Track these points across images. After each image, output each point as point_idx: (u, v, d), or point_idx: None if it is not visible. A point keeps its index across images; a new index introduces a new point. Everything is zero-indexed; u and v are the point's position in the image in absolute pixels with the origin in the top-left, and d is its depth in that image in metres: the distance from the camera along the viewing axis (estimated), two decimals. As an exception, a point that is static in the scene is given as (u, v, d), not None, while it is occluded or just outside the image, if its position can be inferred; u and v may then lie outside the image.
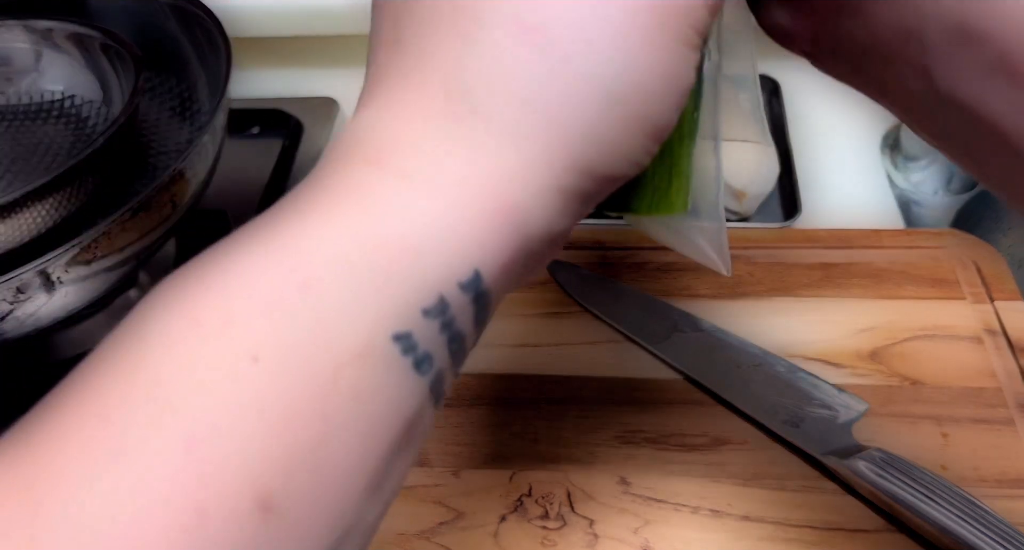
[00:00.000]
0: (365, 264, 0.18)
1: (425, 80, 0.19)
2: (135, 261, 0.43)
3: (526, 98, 0.18)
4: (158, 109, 0.54)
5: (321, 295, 0.17)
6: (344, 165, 0.19)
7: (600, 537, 0.38)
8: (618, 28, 0.18)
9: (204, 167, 0.46)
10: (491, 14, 0.19)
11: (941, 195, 0.56)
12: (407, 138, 0.19)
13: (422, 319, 0.18)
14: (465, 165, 0.19)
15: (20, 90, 0.52)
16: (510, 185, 0.19)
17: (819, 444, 0.39)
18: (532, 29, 0.18)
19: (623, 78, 0.18)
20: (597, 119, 0.19)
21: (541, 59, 0.18)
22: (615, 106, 0.19)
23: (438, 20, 0.19)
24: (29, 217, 0.42)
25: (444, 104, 0.19)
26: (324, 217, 0.18)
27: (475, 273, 0.19)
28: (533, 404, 0.43)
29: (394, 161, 0.19)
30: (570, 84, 0.18)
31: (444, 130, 0.19)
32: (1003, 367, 0.43)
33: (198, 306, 0.18)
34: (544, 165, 0.19)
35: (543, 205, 0.19)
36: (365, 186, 0.19)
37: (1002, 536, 0.33)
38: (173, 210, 0.43)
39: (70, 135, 0.51)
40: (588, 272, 0.49)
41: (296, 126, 0.62)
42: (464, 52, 0.19)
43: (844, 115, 0.62)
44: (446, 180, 0.19)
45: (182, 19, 0.52)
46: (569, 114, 0.19)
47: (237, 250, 0.19)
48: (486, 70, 0.19)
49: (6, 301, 0.38)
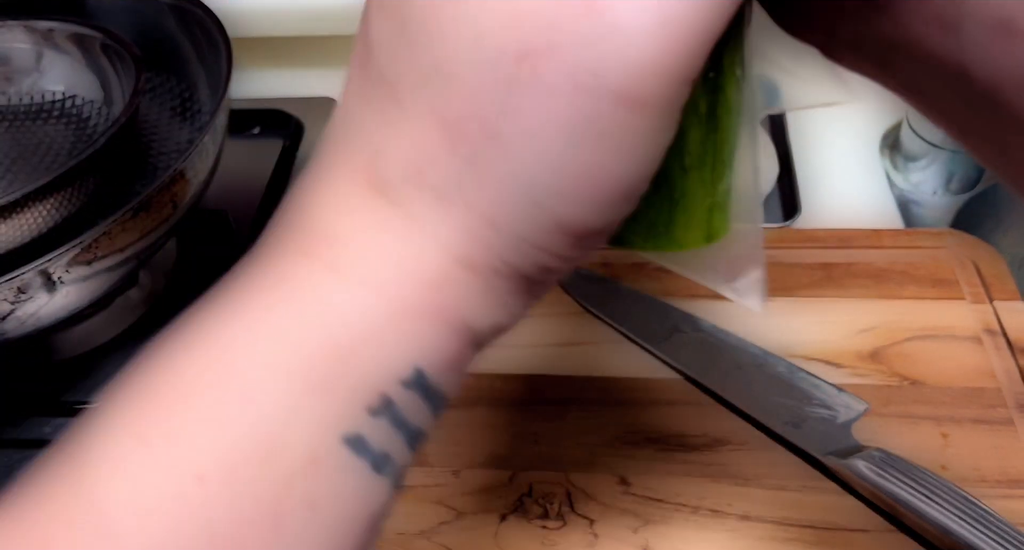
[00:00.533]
0: (302, 370, 0.17)
1: (351, 161, 0.18)
2: (136, 261, 0.43)
3: (442, 192, 0.17)
4: (159, 109, 0.54)
5: (262, 404, 0.17)
6: (281, 254, 0.19)
7: (600, 537, 0.38)
8: (558, 128, 0.16)
9: (205, 167, 0.46)
10: (412, 100, 0.17)
11: (940, 195, 0.56)
12: (338, 227, 0.18)
13: (370, 419, 0.17)
14: (392, 260, 0.18)
15: (21, 90, 0.52)
16: (437, 280, 0.18)
17: (819, 444, 0.39)
18: (450, 124, 0.17)
19: (560, 174, 0.16)
20: (523, 211, 0.17)
21: (452, 156, 0.17)
22: (547, 197, 0.17)
23: (372, 92, 0.18)
24: (30, 217, 0.42)
25: (368, 191, 0.18)
26: (260, 318, 0.18)
27: (416, 371, 0.18)
28: (533, 404, 0.43)
29: (327, 253, 0.18)
30: (489, 181, 0.17)
31: (370, 221, 0.18)
32: (1003, 367, 0.43)
33: (142, 420, 0.17)
34: (470, 258, 0.18)
35: (480, 299, 0.18)
36: (299, 281, 0.18)
37: (1002, 536, 0.33)
38: (174, 210, 0.43)
39: (71, 135, 0.51)
40: (589, 272, 0.49)
41: (296, 126, 0.62)
42: (384, 135, 0.18)
43: (843, 115, 0.62)
44: (377, 276, 0.18)
45: (183, 19, 0.52)
46: (490, 207, 0.17)
47: (177, 354, 0.18)
48: (402, 159, 0.17)
49: (7, 301, 0.38)
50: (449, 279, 0.18)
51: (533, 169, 0.16)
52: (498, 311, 0.19)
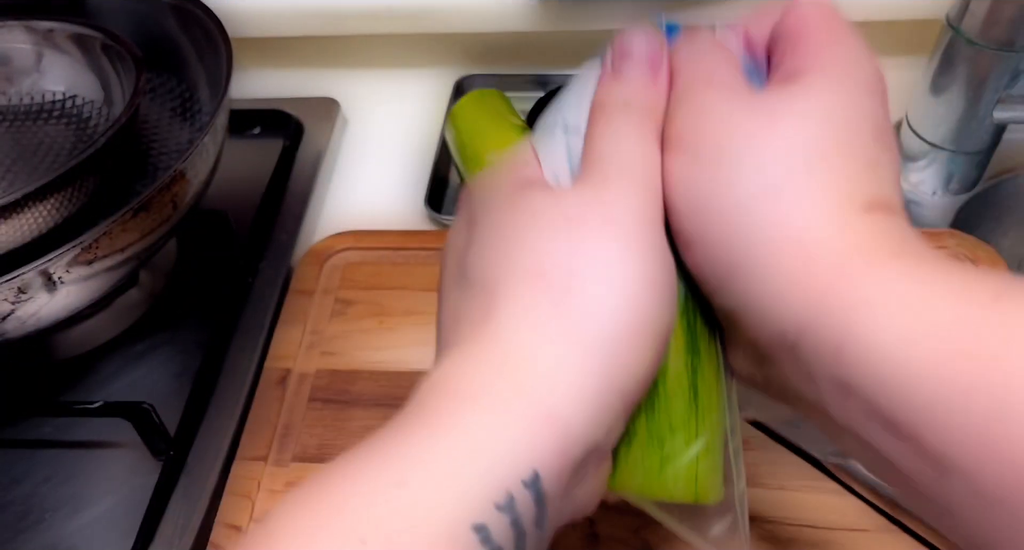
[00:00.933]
0: (449, 467, 0.21)
1: (481, 347, 0.24)
2: (136, 261, 0.43)
3: (555, 352, 0.23)
4: (159, 109, 0.54)
5: (415, 491, 0.20)
6: (433, 400, 0.23)
7: (600, 537, 0.38)
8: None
9: (205, 167, 0.46)
10: (509, 278, 0.24)
11: (940, 196, 0.56)
12: (474, 382, 0.23)
13: (496, 513, 0.20)
14: (515, 388, 0.22)
15: (21, 90, 0.53)
16: (550, 397, 0.22)
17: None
18: (552, 286, 0.23)
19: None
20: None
21: (557, 316, 0.23)
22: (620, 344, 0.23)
23: (478, 288, 0.25)
24: (31, 217, 0.42)
25: (500, 362, 0.23)
26: (425, 441, 0.22)
27: (534, 472, 0.21)
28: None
29: (466, 394, 0.23)
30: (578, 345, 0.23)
31: (494, 375, 0.23)
32: (1002, 367, 0.43)
33: (319, 518, 0.21)
34: (579, 381, 0.23)
35: (580, 410, 0.22)
36: (447, 412, 0.22)
37: (1001, 536, 0.33)
38: (174, 210, 0.43)
39: (71, 135, 0.51)
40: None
41: (297, 126, 0.62)
42: (490, 309, 0.24)
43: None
44: (505, 402, 0.22)
45: (183, 19, 0.52)
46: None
47: (355, 473, 0.22)
48: (514, 334, 0.23)
49: (8, 301, 0.38)
50: (561, 394, 0.22)
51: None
52: (591, 425, 0.23)
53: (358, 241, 0.53)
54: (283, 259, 0.53)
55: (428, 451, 0.21)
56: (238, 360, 0.48)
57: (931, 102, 0.52)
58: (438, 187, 0.58)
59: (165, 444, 0.43)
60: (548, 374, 0.22)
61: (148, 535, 0.41)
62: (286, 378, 0.46)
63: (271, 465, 0.42)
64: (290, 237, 0.54)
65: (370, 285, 0.50)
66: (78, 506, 0.43)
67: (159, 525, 0.41)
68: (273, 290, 0.51)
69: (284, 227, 0.55)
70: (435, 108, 0.64)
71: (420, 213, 0.56)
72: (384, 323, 0.48)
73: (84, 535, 0.42)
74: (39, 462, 0.45)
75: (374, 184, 0.61)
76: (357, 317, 0.49)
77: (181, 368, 0.48)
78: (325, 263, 0.52)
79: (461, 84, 0.65)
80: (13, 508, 0.43)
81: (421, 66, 0.68)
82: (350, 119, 0.66)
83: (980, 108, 0.51)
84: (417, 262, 0.51)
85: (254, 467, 0.42)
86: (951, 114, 0.52)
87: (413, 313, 0.49)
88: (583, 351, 0.23)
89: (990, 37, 0.47)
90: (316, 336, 0.48)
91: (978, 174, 0.56)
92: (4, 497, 0.44)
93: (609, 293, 0.23)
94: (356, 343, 0.48)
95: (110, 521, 0.42)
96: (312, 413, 0.44)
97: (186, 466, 0.43)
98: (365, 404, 0.45)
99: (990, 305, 0.19)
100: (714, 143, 0.24)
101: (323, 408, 0.45)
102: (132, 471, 0.44)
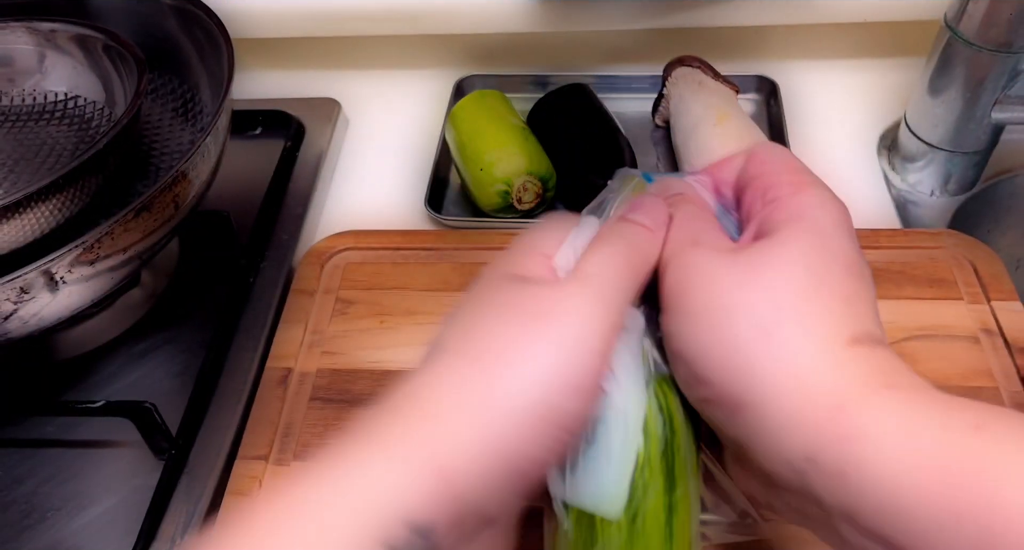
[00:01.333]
0: (342, 500, 0.24)
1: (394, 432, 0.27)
2: (138, 261, 0.43)
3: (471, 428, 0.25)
4: (161, 110, 0.54)
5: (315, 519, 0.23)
6: (351, 441, 0.27)
7: None
8: None
9: (206, 168, 0.46)
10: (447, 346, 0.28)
11: (938, 196, 0.56)
12: (390, 429, 0.27)
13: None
14: (418, 442, 0.25)
15: (24, 91, 0.53)
16: (444, 452, 0.24)
17: None
18: (487, 356, 0.26)
19: None
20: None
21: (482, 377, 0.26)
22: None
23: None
24: (33, 217, 0.43)
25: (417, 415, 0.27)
26: (330, 473, 0.25)
27: (422, 519, 0.23)
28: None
29: (375, 438, 0.27)
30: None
31: (403, 425, 0.26)
32: (1000, 367, 0.43)
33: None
34: (477, 447, 0.25)
35: (474, 474, 0.24)
36: (355, 452, 0.26)
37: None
38: (176, 210, 0.44)
39: (73, 136, 0.51)
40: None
41: (298, 127, 0.62)
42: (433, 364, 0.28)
43: (841, 116, 0.62)
44: (404, 451, 0.25)
45: (184, 20, 0.52)
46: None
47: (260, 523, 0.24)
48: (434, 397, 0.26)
49: (10, 301, 0.38)
50: (454, 453, 0.24)
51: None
52: (486, 492, 0.25)
53: (359, 241, 0.53)
54: (284, 259, 0.53)
55: (330, 485, 0.24)
56: (239, 359, 0.48)
57: (929, 103, 0.52)
58: (438, 187, 0.59)
59: (167, 443, 0.44)
60: (449, 435, 0.25)
61: (150, 534, 0.41)
62: (287, 377, 0.46)
63: (272, 464, 0.43)
64: (291, 237, 0.55)
65: (371, 285, 0.51)
66: (80, 505, 0.43)
67: (161, 524, 0.41)
68: (274, 290, 0.51)
69: (285, 227, 0.55)
70: (435, 108, 0.65)
71: (420, 213, 0.57)
72: (385, 323, 0.49)
73: (86, 534, 0.42)
74: (41, 461, 0.45)
75: (375, 184, 0.61)
76: (358, 317, 0.49)
77: (183, 367, 0.48)
78: (326, 263, 0.52)
79: (461, 84, 0.65)
80: (16, 507, 0.43)
81: (421, 67, 0.69)
82: (351, 119, 0.66)
83: (978, 109, 0.51)
84: (417, 262, 0.52)
85: (255, 466, 0.43)
86: (949, 115, 0.52)
87: (413, 313, 0.49)
88: (489, 421, 0.25)
89: (988, 38, 0.48)
90: (317, 336, 0.48)
91: (976, 174, 0.56)
92: (6, 496, 0.44)
93: (535, 378, 0.25)
94: (357, 342, 0.48)
95: (112, 520, 0.42)
96: (313, 412, 0.45)
97: (187, 465, 0.44)
98: (366, 403, 0.45)
99: (973, 434, 0.22)
100: (706, 296, 0.26)
101: (324, 407, 0.45)
102: (134, 470, 0.44)
